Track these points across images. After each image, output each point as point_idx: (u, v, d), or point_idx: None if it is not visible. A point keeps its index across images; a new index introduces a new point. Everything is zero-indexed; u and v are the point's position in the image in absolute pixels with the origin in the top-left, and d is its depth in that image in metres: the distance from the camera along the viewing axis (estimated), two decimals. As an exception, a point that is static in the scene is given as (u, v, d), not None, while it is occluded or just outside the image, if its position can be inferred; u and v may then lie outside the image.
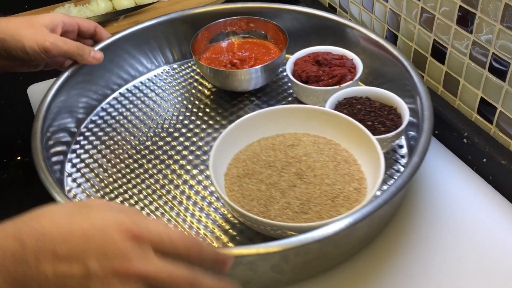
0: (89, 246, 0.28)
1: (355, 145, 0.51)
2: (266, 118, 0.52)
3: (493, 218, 0.51)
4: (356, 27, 0.63)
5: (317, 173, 0.48)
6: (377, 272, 0.47)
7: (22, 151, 0.60)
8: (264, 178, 0.47)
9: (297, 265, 0.44)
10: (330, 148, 0.51)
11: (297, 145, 0.50)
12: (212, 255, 0.32)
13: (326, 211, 0.45)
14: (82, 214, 0.29)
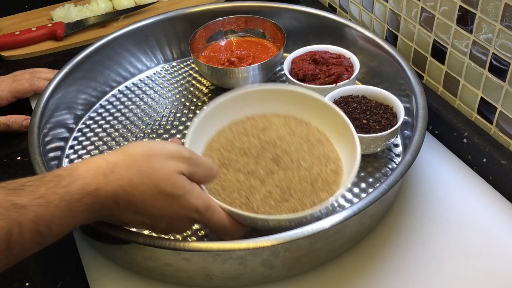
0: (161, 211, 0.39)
1: (325, 122, 0.50)
2: (234, 101, 0.50)
3: (493, 218, 0.51)
4: (354, 26, 0.63)
5: (293, 157, 0.47)
6: (368, 270, 0.47)
7: (22, 151, 0.60)
8: (242, 167, 0.46)
9: (287, 261, 0.44)
10: (302, 128, 0.50)
11: (269, 128, 0.49)
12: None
13: (307, 197, 0.44)
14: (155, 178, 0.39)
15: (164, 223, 0.41)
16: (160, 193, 0.39)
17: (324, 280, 0.46)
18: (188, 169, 0.40)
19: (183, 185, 0.39)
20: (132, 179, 0.38)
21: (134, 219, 0.40)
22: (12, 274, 0.48)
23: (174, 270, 0.45)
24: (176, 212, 0.40)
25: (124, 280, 0.47)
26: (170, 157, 0.40)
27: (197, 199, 0.40)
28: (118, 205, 0.38)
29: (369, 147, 0.54)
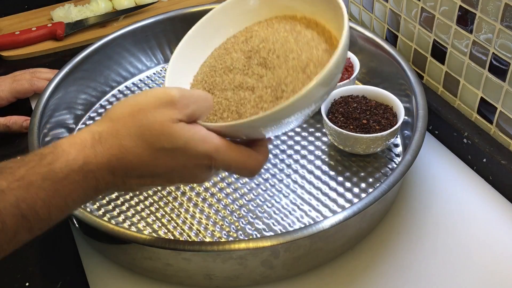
0: (167, 167, 0.35)
1: (315, 8, 0.43)
2: (212, 28, 0.45)
3: (493, 218, 0.51)
4: (354, 26, 0.63)
5: (280, 53, 0.41)
6: (368, 270, 0.47)
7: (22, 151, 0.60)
8: (228, 85, 0.41)
9: (287, 261, 0.44)
10: (286, 22, 0.44)
11: (250, 37, 0.43)
12: None
13: (300, 84, 0.39)
14: (148, 136, 0.34)
15: (177, 178, 0.37)
16: (159, 150, 0.34)
17: (324, 280, 0.46)
18: (182, 112, 0.35)
19: (181, 134, 0.35)
20: (123, 144, 0.34)
21: (142, 183, 0.36)
22: (12, 274, 0.48)
23: (174, 270, 0.45)
24: (184, 164, 0.35)
25: (124, 280, 0.47)
26: (158, 106, 0.34)
27: (204, 144, 0.35)
28: (115, 175, 0.34)
29: (369, 147, 0.54)
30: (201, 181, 0.38)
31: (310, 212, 0.51)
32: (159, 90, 0.36)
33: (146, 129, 0.34)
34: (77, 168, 0.33)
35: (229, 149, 0.37)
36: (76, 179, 0.33)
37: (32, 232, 0.33)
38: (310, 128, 0.60)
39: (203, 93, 0.38)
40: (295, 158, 0.56)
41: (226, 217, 0.51)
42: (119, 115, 0.35)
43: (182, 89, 0.36)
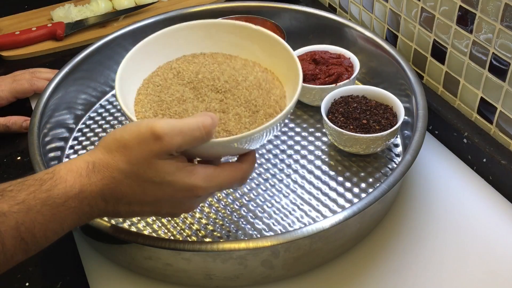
0: (156, 197, 0.37)
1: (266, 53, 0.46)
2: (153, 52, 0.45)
3: (493, 218, 0.51)
4: (353, 26, 0.63)
5: (225, 78, 0.43)
6: (368, 270, 0.47)
7: (22, 151, 0.60)
8: (195, 111, 0.42)
9: (287, 261, 0.44)
10: (229, 60, 0.46)
11: (183, 70, 0.45)
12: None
13: (266, 97, 0.42)
14: (136, 169, 0.36)
15: (166, 207, 0.38)
16: (147, 182, 0.36)
17: (324, 280, 0.46)
18: (167, 146, 0.35)
19: (167, 170, 0.36)
20: (114, 176, 0.36)
21: (132, 210, 0.38)
22: (12, 274, 0.48)
23: (174, 270, 0.45)
24: (173, 195, 0.37)
25: (124, 280, 0.47)
26: (141, 142, 0.36)
27: (191, 176, 0.37)
28: (107, 202, 0.37)
29: (369, 147, 0.54)
30: (189, 210, 0.40)
31: (310, 212, 0.51)
32: (143, 125, 0.36)
33: (133, 164, 0.36)
34: (73, 195, 0.35)
35: (215, 173, 0.38)
36: (72, 206, 0.35)
37: (28, 253, 0.35)
38: (310, 128, 0.60)
39: (193, 122, 0.37)
40: (295, 158, 0.56)
41: (226, 217, 0.51)
42: (108, 149, 0.37)
43: (168, 122, 0.36)
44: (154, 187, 0.36)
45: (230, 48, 0.47)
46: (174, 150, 0.36)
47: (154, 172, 0.36)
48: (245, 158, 0.41)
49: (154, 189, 0.37)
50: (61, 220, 0.35)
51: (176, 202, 0.38)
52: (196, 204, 0.40)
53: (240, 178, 0.40)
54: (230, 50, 0.47)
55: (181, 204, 0.38)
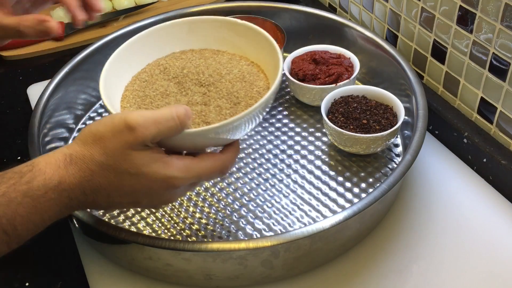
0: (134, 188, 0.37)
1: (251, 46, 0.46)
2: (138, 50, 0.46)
3: (493, 218, 0.51)
4: (353, 26, 0.63)
5: (210, 72, 0.44)
6: (368, 270, 0.47)
7: (22, 151, 0.60)
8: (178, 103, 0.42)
9: (287, 261, 0.44)
10: (215, 55, 0.47)
11: (170, 66, 0.45)
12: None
13: (249, 89, 0.43)
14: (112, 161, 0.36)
15: (145, 198, 0.38)
16: (123, 173, 0.36)
17: (324, 280, 0.46)
18: (141, 137, 0.36)
19: (142, 161, 0.36)
20: (90, 168, 0.36)
21: (111, 202, 0.38)
22: (12, 274, 0.48)
23: (174, 270, 0.45)
24: (150, 187, 0.37)
25: (124, 280, 0.47)
26: (116, 134, 0.36)
27: (166, 168, 0.37)
28: (86, 194, 0.37)
29: (369, 147, 0.54)
30: (170, 201, 0.40)
31: (310, 212, 0.51)
32: (117, 117, 0.37)
33: (108, 156, 0.36)
34: (53, 186, 0.36)
35: (192, 164, 0.38)
36: (52, 197, 0.36)
37: (10, 246, 0.36)
38: (310, 128, 0.60)
39: (167, 113, 0.37)
40: (295, 158, 0.56)
41: (226, 217, 0.51)
42: (85, 141, 0.37)
43: (142, 113, 0.36)
44: (131, 178, 0.37)
45: (218, 43, 0.47)
46: (149, 140, 0.36)
47: (129, 163, 0.36)
48: (226, 148, 0.41)
49: (131, 180, 0.37)
50: (42, 211, 0.36)
51: (154, 193, 0.38)
52: (176, 195, 0.39)
53: (220, 169, 0.39)
54: (218, 45, 0.47)
55: (160, 196, 0.38)
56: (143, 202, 0.39)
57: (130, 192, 0.37)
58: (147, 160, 0.36)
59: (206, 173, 0.39)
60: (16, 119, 0.65)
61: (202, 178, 0.39)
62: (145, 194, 0.38)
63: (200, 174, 0.38)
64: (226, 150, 0.40)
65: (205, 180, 0.40)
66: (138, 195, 0.38)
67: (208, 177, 0.39)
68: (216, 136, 0.39)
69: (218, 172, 0.39)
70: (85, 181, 0.36)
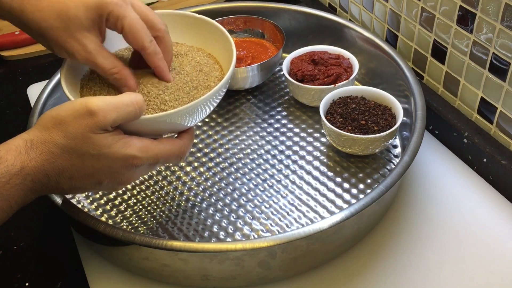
0: (95, 168, 0.38)
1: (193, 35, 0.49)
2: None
3: (493, 218, 0.51)
4: (353, 27, 0.63)
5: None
6: (366, 271, 0.47)
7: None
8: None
9: (284, 262, 0.44)
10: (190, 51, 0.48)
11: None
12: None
13: (210, 75, 0.45)
14: (73, 143, 0.37)
15: (106, 178, 0.40)
16: (85, 155, 0.38)
17: (322, 282, 0.46)
18: (102, 121, 0.37)
19: (103, 142, 0.38)
20: (52, 151, 0.37)
21: (74, 185, 0.39)
22: (12, 274, 0.48)
23: (171, 270, 0.45)
24: (110, 166, 0.39)
25: (124, 281, 0.47)
26: (76, 117, 0.37)
27: (127, 147, 0.39)
28: (49, 177, 0.38)
29: (367, 148, 0.54)
30: (130, 180, 0.41)
31: (308, 213, 0.51)
32: (78, 102, 0.38)
33: (69, 139, 0.37)
34: (16, 172, 0.37)
35: (151, 145, 0.40)
36: (17, 183, 0.37)
37: None
38: (308, 129, 0.60)
39: (126, 99, 0.39)
40: (294, 159, 0.56)
41: (224, 217, 0.51)
42: (45, 126, 0.38)
43: (103, 99, 0.38)
44: (92, 159, 0.38)
45: (177, 36, 0.49)
46: (109, 124, 0.38)
47: (90, 145, 0.38)
48: (182, 135, 0.43)
49: (92, 161, 0.38)
50: (8, 198, 0.37)
51: (115, 172, 0.39)
52: (136, 174, 0.41)
53: (177, 153, 0.42)
54: (177, 38, 0.49)
55: (120, 175, 0.40)
56: (104, 181, 0.40)
57: (91, 173, 0.39)
58: (107, 141, 0.38)
59: (164, 155, 0.41)
60: (16, 119, 0.65)
61: (159, 160, 0.41)
62: (106, 173, 0.39)
63: (158, 155, 0.40)
64: (182, 136, 0.43)
65: (163, 162, 0.42)
66: (99, 175, 0.39)
67: (166, 160, 0.41)
68: (172, 122, 0.41)
69: (175, 155, 0.42)
70: (47, 163, 0.37)
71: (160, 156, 0.40)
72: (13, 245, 0.50)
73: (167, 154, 0.41)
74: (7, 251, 0.50)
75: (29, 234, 0.51)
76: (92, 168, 0.38)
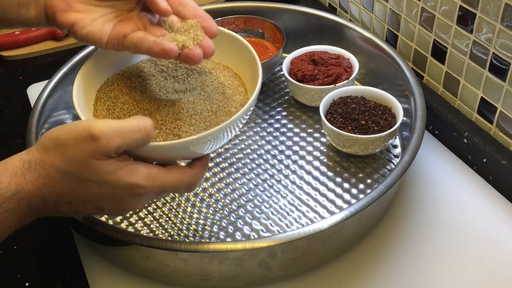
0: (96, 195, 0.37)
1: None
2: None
3: (493, 218, 0.51)
4: (353, 27, 0.63)
5: (187, 86, 0.42)
6: (366, 272, 0.47)
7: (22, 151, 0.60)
8: (146, 111, 0.40)
9: (284, 262, 0.44)
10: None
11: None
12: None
13: (230, 100, 0.42)
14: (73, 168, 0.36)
15: (108, 205, 0.37)
16: (85, 181, 0.36)
17: (322, 282, 0.46)
18: (105, 147, 0.35)
19: (105, 169, 0.35)
20: (50, 174, 0.35)
21: (74, 209, 0.37)
22: (12, 274, 0.48)
23: (171, 270, 0.45)
24: (113, 193, 0.36)
25: (124, 281, 0.47)
26: (78, 141, 0.35)
27: (131, 175, 0.36)
28: (46, 201, 0.36)
29: (367, 148, 0.54)
30: (134, 208, 0.39)
31: (308, 213, 0.51)
32: (81, 125, 0.36)
33: (69, 163, 0.35)
34: (10, 196, 0.35)
35: (159, 174, 0.37)
36: (10, 207, 0.35)
37: None
38: (308, 129, 0.60)
39: (133, 124, 0.36)
40: (294, 159, 0.56)
41: (224, 217, 0.51)
42: (45, 147, 0.36)
43: (107, 123, 0.35)
44: (93, 185, 0.36)
45: None
46: (113, 151, 0.35)
47: (92, 171, 0.35)
48: (195, 163, 0.40)
49: (93, 187, 0.36)
50: (0, 221, 0.35)
51: (118, 200, 0.37)
52: (141, 203, 0.38)
53: (187, 183, 0.39)
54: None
55: (124, 203, 0.37)
56: (106, 208, 0.38)
57: (92, 199, 0.37)
58: (110, 168, 0.36)
59: (172, 185, 0.38)
60: (16, 119, 0.65)
61: (166, 190, 0.38)
62: (108, 200, 0.37)
63: (165, 184, 0.38)
64: (194, 165, 0.39)
65: (170, 192, 0.39)
66: (101, 202, 0.37)
67: (173, 190, 0.39)
68: (183, 150, 0.38)
69: (184, 186, 0.39)
70: (44, 188, 0.35)
71: (168, 186, 0.38)
72: (13, 245, 0.50)
73: (176, 184, 0.38)
74: (7, 251, 0.50)
75: (29, 234, 0.51)
76: (93, 195, 0.36)
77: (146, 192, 0.37)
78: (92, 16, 0.40)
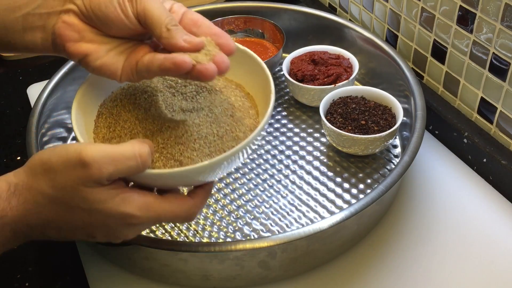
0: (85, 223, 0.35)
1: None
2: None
3: (493, 218, 0.51)
4: (353, 27, 0.63)
5: (194, 105, 0.39)
6: (366, 272, 0.47)
7: (22, 151, 0.60)
8: (148, 133, 0.38)
9: (284, 262, 0.44)
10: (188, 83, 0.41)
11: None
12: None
13: (237, 123, 0.38)
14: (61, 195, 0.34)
15: (99, 233, 0.35)
16: (74, 208, 0.34)
17: (322, 282, 0.46)
18: (96, 175, 0.32)
19: (94, 198, 0.33)
20: (36, 200, 0.33)
21: (64, 235, 0.35)
22: (12, 274, 0.48)
23: (171, 270, 0.45)
24: (105, 222, 0.34)
25: (124, 281, 0.47)
26: (68, 167, 0.33)
27: (125, 205, 0.34)
28: (32, 228, 0.34)
29: (367, 148, 0.54)
30: (127, 237, 0.36)
31: (308, 213, 0.51)
32: (72, 149, 0.33)
33: (57, 189, 0.33)
34: None
35: (154, 204, 0.35)
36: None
37: None
38: (308, 129, 0.60)
39: (128, 150, 0.33)
40: (294, 159, 0.56)
41: (224, 217, 0.51)
42: (33, 170, 0.34)
43: (100, 148, 0.33)
44: (83, 213, 0.34)
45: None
46: (104, 179, 0.33)
47: (81, 199, 0.33)
48: (196, 191, 0.37)
49: (83, 214, 0.34)
50: None
51: (110, 228, 0.35)
52: (135, 232, 0.36)
53: (185, 214, 0.36)
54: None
55: (116, 231, 0.35)
56: (98, 236, 0.36)
57: (82, 226, 0.35)
58: (101, 197, 0.33)
59: (168, 216, 0.35)
60: (16, 119, 0.65)
61: (162, 220, 0.36)
62: (99, 228, 0.35)
63: (160, 215, 0.35)
64: (195, 194, 0.37)
65: (167, 222, 0.37)
66: (91, 229, 0.35)
67: (170, 220, 0.37)
68: (183, 179, 0.36)
69: (182, 217, 0.36)
70: (30, 214, 0.33)
71: (163, 216, 0.35)
72: (13, 245, 0.50)
73: (172, 215, 0.35)
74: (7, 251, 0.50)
75: (29, 234, 0.51)
76: (82, 223, 0.34)
77: (139, 222, 0.35)
78: (105, 48, 0.37)
